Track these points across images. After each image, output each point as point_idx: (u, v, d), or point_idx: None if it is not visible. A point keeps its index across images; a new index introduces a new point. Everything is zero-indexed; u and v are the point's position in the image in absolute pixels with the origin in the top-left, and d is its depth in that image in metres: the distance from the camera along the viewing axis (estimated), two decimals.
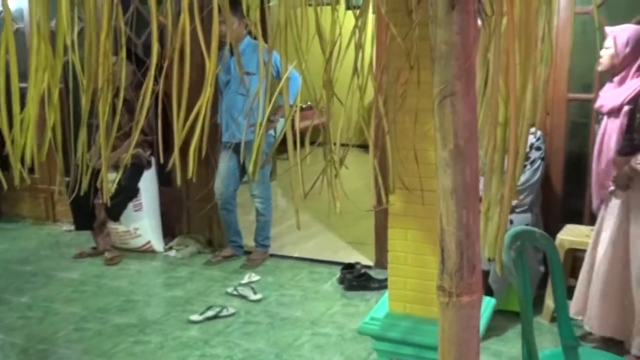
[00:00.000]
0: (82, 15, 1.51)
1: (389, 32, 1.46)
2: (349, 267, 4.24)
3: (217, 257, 4.69)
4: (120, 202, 4.58)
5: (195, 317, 3.68)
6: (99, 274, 4.47)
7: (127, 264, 4.65)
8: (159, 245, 4.92)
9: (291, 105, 1.51)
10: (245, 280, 4.25)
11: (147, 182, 4.79)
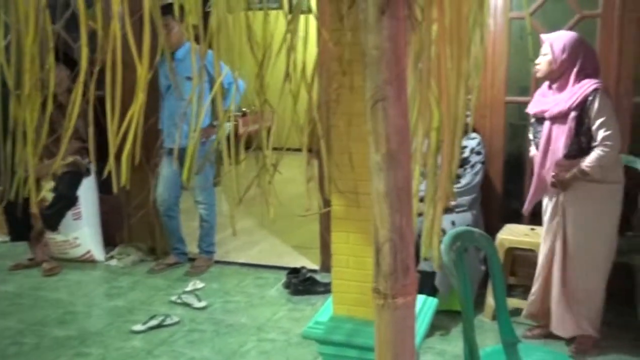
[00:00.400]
0: (9, 20, 1.47)
1: (321, 37, 1.47)
2: (294, 271, 4.22)
3: (160, 265, 4.60)
4: (58, 211, 4.44)
5: (138, 327, 3.60)
6: (37, 285, 4.32)
7: (66, 275, 4.52)
8: (99, 254, 4.80)
9: (225, 109, 1.50)
10: (189, 287, 4.19)
11: (86, 190, 4.67)
